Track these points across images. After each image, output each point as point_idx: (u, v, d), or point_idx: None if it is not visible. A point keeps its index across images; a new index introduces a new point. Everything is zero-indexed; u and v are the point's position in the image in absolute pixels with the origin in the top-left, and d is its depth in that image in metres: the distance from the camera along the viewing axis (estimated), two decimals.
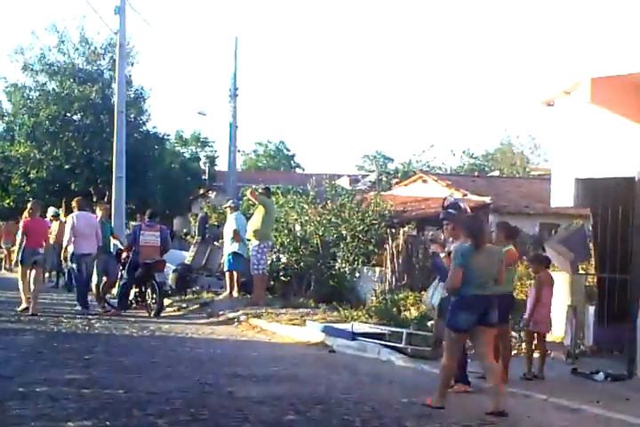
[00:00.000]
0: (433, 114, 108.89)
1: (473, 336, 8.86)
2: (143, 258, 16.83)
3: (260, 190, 18.12)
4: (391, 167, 54.69)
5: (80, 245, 16.64)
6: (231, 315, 16.31)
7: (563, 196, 12.74)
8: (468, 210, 10.50)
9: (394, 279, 20.15)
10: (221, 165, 57.36)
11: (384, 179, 44.67)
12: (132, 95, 37.54)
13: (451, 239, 10.16)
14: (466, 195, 25.85)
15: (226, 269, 18.57)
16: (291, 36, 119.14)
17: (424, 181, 29.12)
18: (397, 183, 36.88)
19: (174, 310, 17.99)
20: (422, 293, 18.84)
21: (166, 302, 18.46)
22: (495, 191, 25.72)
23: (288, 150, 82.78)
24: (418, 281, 20.13)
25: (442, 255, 10.22)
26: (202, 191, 47.63)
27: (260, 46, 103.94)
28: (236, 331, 14.95)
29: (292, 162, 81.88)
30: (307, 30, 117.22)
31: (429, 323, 12.89)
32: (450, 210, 10.33)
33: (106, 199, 30.72)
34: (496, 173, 48.95)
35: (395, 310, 16.53)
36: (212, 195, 45.95)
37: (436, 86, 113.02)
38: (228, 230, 18.51)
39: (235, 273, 18.24)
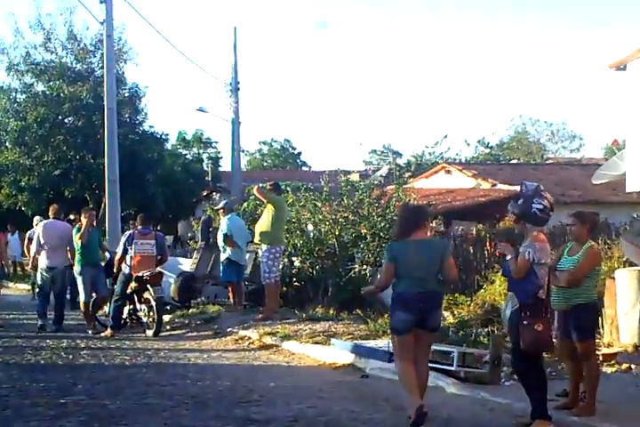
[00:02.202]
0: (441, 105, 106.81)
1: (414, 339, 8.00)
2: (137, 270, 14.67)
3: (268, 187, 15.85)
4: (401, 161, 52.51)
5: (46, 257, 15.08)
6: (241, 332, 14.10)
7: None
8: (547, 199, 8.25)
9: None
10: (225, 166, 55.55)
11: (396, 173, 42.61)
12: (127, 94, 35.54)
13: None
14: (495, 185, 23.67)
15: (221, 279, 16.51)
16: (292, 29, 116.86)
17: (447, 172, 26.90)
18: (411, 176, 34.80)
19: (175, 328, 15.78)
20: (456, 295, 16.85)
21: (167, 317, 16.35)
22: (527, 180, 23.39)
23: (294, 149, 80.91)
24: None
25: (508, 258, 8.21)
26: (205, 193, 45.51)
27: (259, 41, 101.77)
28: (247, 352, 12.72)
29: (297, 160, 79.98)
30: (309, 23, 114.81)
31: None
32: (520, 201, 8.25)
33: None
34: (513, 162, 46.72)
35: None
36: (216, 196, 43.77)
37: (443, 76, 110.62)
38: (220, 235, 16.41)
39: (235, 283, 16.17)
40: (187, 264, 20.55)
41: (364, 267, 19.24)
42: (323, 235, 19.94)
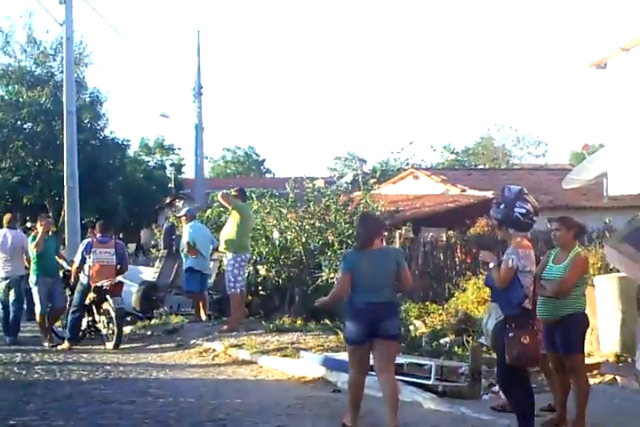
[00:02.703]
0: (406, 111, 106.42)
1: (372, 349, 7.89)
2: (96, 280, 14.03)
3: (233, 193, 15.24)
4: (366, 168, 52.02)
5: (1, 267, 14.61)
6: (206, 344, 13.48)
7: (626, 181, 9.97)
8: (531, 203, 7.76)
9: None
10: (189, 173, 54.85)
11: (362, 179, 42.06)
12: (87, 99, 34.92)
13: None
14: (464, 190, 23.20)
15: (184, 289, 15.94)
16: (255, 34, 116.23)
17: (415, 178, 26.40)
18: (376, 183, 34.29)
19: (136, 340, 15.11)
20: (427, 303, 16.36)
21: (127, 329, 15.72)
22: (495, 185, 23.02)
23: (257, 155, 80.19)
24: (418, 290, 17.61)
25: (490, 266, 7.71)
26: (168, 200, 44.81)
27: (223, 47, 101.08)
28: (212, 366, 12.11)
29: (261, 167, 79.31)
30: (273, 29, 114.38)
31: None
32: (502, 206, 7.74)
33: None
34: (482, 168, 46.47)
35: (402, 328, 13.76)
36: (179, 203, 43.06)
37: (407, 82, 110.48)
38: (183, 243, 15.83)
39: (199, 293, 15.59)
40: (149, 273, 19.89)
41: (332, 275, 18.68)
42: (289, 242, 19.37)
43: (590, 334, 11.27)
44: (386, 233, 18.82)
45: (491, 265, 7.70)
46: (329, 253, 18.95)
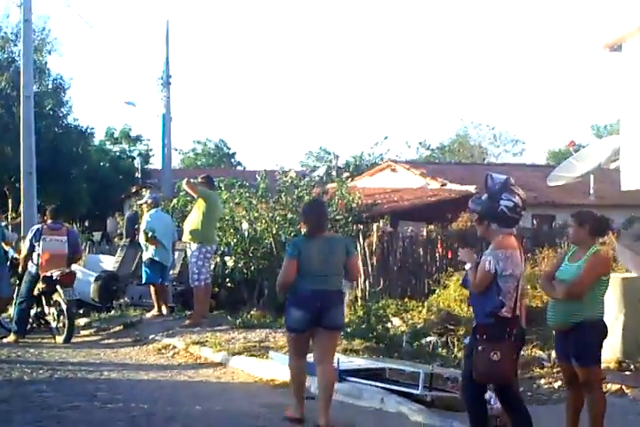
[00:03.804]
0: (382, 107, 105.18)
1: (314, 339, 7.69)
2: (45, 270, 12.85)
3: (199, 180, 14.05)
4: (340, 162, 50.97)
5: None
6: (165, 340, 12.29)
7: None
8: (519, 195, 6.66)
9: (367, 284, 16.43)
10: (156, 164, 53.62)
11: (334, 173, 41.15)
12: (50, 85, 33.84)
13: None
14: (445, 184, 22.15)
15: (143, 281, 14.73)
16: (225, 26, 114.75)
17: (393, 170, 25.30)
18: (349, 177, 33.34)
19: (91, 333, 13.92)
20: (405, 300, 15.30)
21: (83, 321, 14.60)
22: (478, 180, 21.96)
23: (228, 148, 78.96)
24: (396, 285, 16.62)
25: (467, 266, 6.72)
26: (135, 189, 43.64)
27: (192, 39, 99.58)
28: (170, 365, 10.93)
29: (232, 160, 78.08)
30: (243, 20, 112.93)
31: None
32: (484, 197, 6.73)
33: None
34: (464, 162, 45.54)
35: (380, 325, 12.69)
36: (145, 192, 41.91)
37: (383, 77, 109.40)
38: (142, 233, 14.66)
39: (159, 285, 14.41)
40: (110, 262, 18.74)
41: None
42: (258, 233, 18.32)
43: None
44: (361, 226, 17.85)
45: (467, 266, 6.69)
46: None
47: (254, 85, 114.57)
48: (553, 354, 10.22)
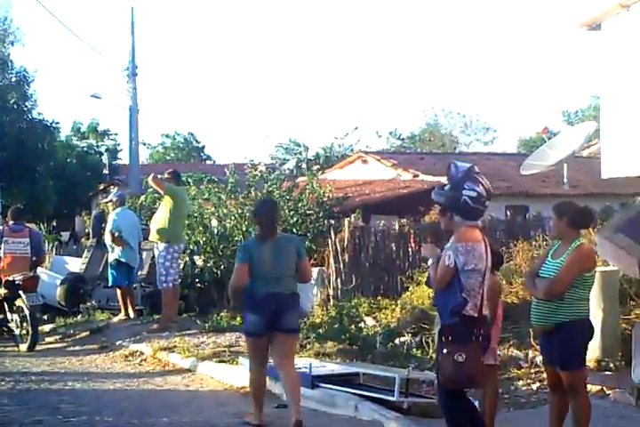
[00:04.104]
0: (350, 97, 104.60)
1: (271, 344, 7.58)
2: (7, 274, 12.47)
3: (166, 175, 13.65)
4: (310, 154, 50.55)
5: None
6: (132, 346, 11.93)
7: (622, 161, 8.58)
8: (483, 184, 6.34)
9: (339, 282, 16.09)
10: (125, 159, 52.83)
11: (304, 166, 40.73)
12: (13, 78, 33.03)
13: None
14: (417, 175, 21.81)
15: (110, 284, 14.31)
16: (193, 15, 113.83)
17: (364, 162, 24.89)
18: (319, 169, 32.95)
19: (56, 340, 13.52)
20: (378, 298, 14.98)
21: (48, 327, 14.20)
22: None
23: (197, 142, 78.15)
24: (369, 282, 16.24)
25: (429, 262, 6.39)
26: (102, 186, 42.92)
27: (159, 31, 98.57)
28: (138, 373, 10.57)
29: (201, 154, 77.35)
30: (212, 9, 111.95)
31: None
32: (447, 187, 6.33)
33: None
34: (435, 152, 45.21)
35: (352, 326, 12.36)
36: (113, 190, 41.20)
37: (351, 66, 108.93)
38: (107, 232, 14.25)
39: (126, 287, 14.03)
40: (76, 264, 18.27)
41: None
42: (228, 231, 17.89)
43: None
44: (332, 221, 17.48)
45: (429, 262, 6.33)
46: None
47: (222, 77, 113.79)
48: (530, 353, 9.96)
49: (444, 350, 6.01)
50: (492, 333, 6.90)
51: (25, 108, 33.58)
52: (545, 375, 9.13)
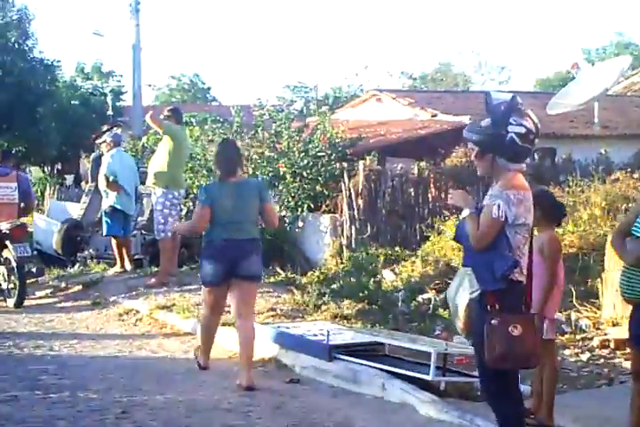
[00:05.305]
0: (360, 36, 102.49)
1: (231, 292, 7.33)
2: None
3: (165, 113, 12.38)
4: (319, 94, 49.18)
5: None
6: (128, 304, 10.81)
7: None
8: (531, 118, 5.15)
9: (353, 230, 14.97)
10: (130, 100, 51.58)
11: (312, 106, 39.46)
12: (15, 16, 31.76)
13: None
14: (435, 115, 20.45)
15: (104, 233, 13.13)
16: None
17: (379, 101, 23.49)
18: (330, 110, 31.70)
19: (47, 295, 12.44)
20: (396, 249, 13.83)
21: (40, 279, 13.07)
22: (471, 110, 20.27)
23: (203, 83, 76.96)
24: (385, 231, 15.13)
25: (464, 213, 5.16)
26: (105, 128, 41.72)
27: None
28: (132, 336, 9.45)
29: (207, 95, 76.13)
30: None
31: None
32: (486, 122, 5.14)
33: None
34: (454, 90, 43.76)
35: (371, 282, 11.23)
36: (117, 131, 40.11)
37: (361, 4, 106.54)
38: (101, 176, 13.04)
39: (122, 237, 12.86)
40: (75, 210, 17.15)
41: (283, 212, 16.15)
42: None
43: (615, 295, 8.86)
44: (346, 164, 16.30)
45: (464, 213, 5.15)
46: (280, 187, 16.44)
47: (230, 16, 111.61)
48: (573, 315, 8.84)
49: (493, 321, 4.87)
50: (548, 301, 5.76)
51: (26, 48, 32.44)
52: (594, 344, 8.14)
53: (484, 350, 4.92)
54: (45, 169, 38.89)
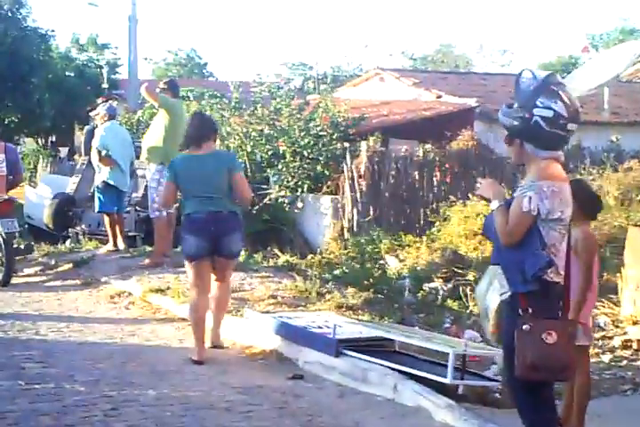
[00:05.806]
0: (361, 16, 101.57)
1: (213, 266, 7.26)
2: None
3: (161, 85, 11.80)
4: (316, 73, 48.54)
5: None
6: (119, 285, 10.27)
7: None
8: (564, 99, 4.62)
9: (355, 213, 14.51)
10: (125, 73, 50.91)
11: (311, 85, 38.95)
12: None
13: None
14: (440, 96, 19.95)
15: (96, 209, 12.58)
16: None
17: (381, 80, 22.95)
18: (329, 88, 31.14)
19: (36, 272, 11.88)
20: (400, 234, 13.33)
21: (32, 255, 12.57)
22: (477, 91, 19.76)
23: (200, 58, 76.28)
24: (388, 215, 14.69)
25: (493, 205, 4.67)
26: (100, 101, 41.01)
27: None
28: (124, 320, 8.92)
29: (204, 71, 75.46)
30: None
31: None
32: (516, 104, 4.66)
33: None
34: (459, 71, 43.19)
35: (375, 268, 10.75)
36: (113, 104, 39.44)
37: None
38: (94, 151, 12.48)
39: (115, 214, 12.30)
40: (67, 183, 16.59)
41: (282, 192, 15.66)
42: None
43: (636, 291, 8.42)
44: (348, 144, 15.81)
45: (493, 204, 4.67)
46: (279, 166, 15.98)
47: None
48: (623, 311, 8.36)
49: (525, 327, 4.38)
50: (584, 304, 5.28)
51: (19, 16, 31.82)
52: (614, 343, 7.68)
53: (513, 357, 4.45)
54: (39, 141, 38.30)
